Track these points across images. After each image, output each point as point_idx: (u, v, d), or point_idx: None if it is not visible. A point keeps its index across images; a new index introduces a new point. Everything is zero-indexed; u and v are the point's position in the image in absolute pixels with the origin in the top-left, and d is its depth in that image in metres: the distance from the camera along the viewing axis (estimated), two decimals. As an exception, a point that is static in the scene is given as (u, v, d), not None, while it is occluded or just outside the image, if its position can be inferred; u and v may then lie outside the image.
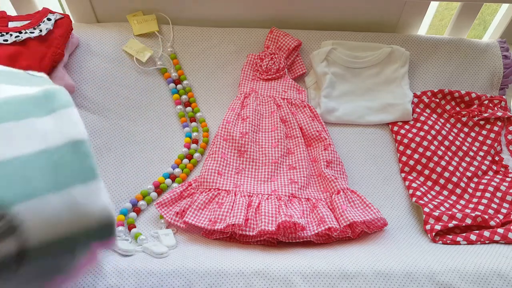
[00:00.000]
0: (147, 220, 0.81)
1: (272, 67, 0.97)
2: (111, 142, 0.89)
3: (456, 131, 0.96)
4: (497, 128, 0.95)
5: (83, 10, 1.04)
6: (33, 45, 0.85)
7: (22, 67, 0.80)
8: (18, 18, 0.90)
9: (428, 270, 0.67)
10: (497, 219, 0.79)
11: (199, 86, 1.01)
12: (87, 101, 0.91)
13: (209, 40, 1.04)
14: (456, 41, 1.06)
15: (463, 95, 0.99)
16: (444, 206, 0.83)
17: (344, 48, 1.02)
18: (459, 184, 0.87)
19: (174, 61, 1.02)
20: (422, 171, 0.89)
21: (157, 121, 0.95)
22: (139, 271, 0.66)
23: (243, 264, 0.65)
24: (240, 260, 0.67)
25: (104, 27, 1.03)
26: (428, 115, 0.96)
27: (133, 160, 0.88)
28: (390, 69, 1.01)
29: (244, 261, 0.66)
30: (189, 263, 0.66)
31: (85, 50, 0.96)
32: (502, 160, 0.92)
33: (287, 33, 1.01)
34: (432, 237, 0.78)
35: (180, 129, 0.95)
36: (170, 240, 0.75)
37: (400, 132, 0.93)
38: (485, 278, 0.67)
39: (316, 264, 0.66)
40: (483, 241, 0.76)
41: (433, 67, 1.04)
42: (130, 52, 0.99)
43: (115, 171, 0.85)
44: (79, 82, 0.92)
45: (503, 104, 0.98)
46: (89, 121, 0.89)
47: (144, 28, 1.03)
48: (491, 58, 1.04)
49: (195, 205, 0.78)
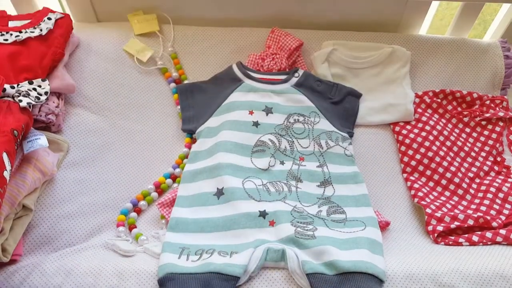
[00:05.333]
0: (148, 220, 0.80)
1: (273, 67, 0.96)
2: (112, 142, 0.88)
3: (457, 132, 0.95)
4: (499, 129, 0.95)
5: (83, 9, 1.04)
6: (34, 45, 0.84)
7: (22, 67, 0.81)
8: (18, 18, 0.90)
9: (431, 271, 0.67)
10: (499, 220, 0.79)
11: (200, 86, 1.00)
12: (88, 101, 0.91)
13: (210, 40, 1.04)
14: (457, 41, 1.06)
15: (465, 95, 0.99)
16: (446, 207, 0.83)
17: (345, 48, 1.02)
18: (461, 185, 0.87)
19: (175, 61, 1.01)
20: (424, 172, 0.88)
21: (158, 121, 0.95)
22: (140, 271, 0.66)
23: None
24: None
25: (104, 27, 1.03)
26: (429, 115, 0.96)
27: (134, 160, 0.88)
28: (391, 69, 1.01)
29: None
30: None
31: (85, 49, 0.96)
32: (504, 161, 0.92)
33: (288, 33, 1.00)
34: (434, 238, 0.78)
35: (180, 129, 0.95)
36: (171, 240, 0.74)
37: (402, 133, 0.93)
38: (488, 280, 0.66)
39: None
40: (485, 242, 0.76)
41: (434, 67, 1.04)
42: (130, 52, 0.99)
43: (115, 171, 0.85)
44: (79, 81, 0.91)
45: (505, 104, 0.98)
46: (89, 121, 0.88)
47: (145, 28, 1.02)
48: (492, 58, 1.04)
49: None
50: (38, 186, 0.73)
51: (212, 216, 0.75)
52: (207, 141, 0.86)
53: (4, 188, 0.62)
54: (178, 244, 0.70)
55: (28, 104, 0.74)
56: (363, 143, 0.93)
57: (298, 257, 0.66)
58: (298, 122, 0.89)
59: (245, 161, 0.82)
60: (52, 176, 0.77)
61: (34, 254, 0.70)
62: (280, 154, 0.85)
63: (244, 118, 0.87)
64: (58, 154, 0.79)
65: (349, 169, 0.84)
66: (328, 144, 0.87)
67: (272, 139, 0.86)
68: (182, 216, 0.75)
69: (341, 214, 0.77)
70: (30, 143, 0.72)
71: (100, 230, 0.77)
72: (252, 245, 0.68)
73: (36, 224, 0.72)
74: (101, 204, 0.79)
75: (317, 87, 0.95)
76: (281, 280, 0.66)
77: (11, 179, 0.67)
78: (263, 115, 0.89)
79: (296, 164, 0.84)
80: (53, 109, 0.81)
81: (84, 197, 0.79)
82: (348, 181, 0.82)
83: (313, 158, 0.85)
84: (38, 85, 0.80)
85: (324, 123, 0.90)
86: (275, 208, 0.75)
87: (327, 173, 0.83)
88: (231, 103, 0.91)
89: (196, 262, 0.67)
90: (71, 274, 0.66)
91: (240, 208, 0.74)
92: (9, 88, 0.75)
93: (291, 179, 0.81)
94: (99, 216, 0.78)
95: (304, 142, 0.87)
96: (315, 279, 0.64)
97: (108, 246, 0.73)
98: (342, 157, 0.86)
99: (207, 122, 0.90)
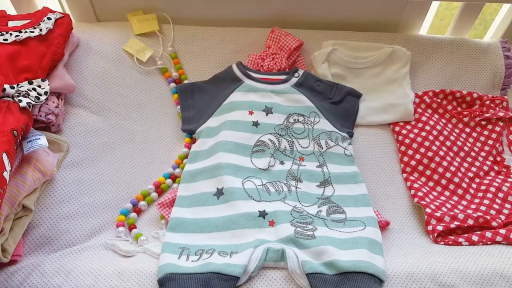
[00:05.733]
0: (148, 220, 0.80)
1: (273, 67, 0.96)
2: (111, 142, 0.88)
3: (457, 132, 0.95)
4: (499, 129, 0.95)
5: (83, 9, 1.04)
6: (33, 45, 0.84)
7: (22, 67, 0.81)
8: (18, 17, 0.89)
9: (430, 271, 0.67)
10: (499, 220, 0.79)
11: (200, 86, 1.00)
12: (87, 101, 0.91)
13: (210, 40, 1.04)
14: (457, 41, 1.06)
15: (465, 95, 0.99)
16: (446, 207, 0.83)
17: (345, 48, 1.02)
18: (461, 184, 0.87)
19: (175, 61, 1.01)
20: (423, 172, 0.88)
21: (158, 121, 0.95)
22: (139, 272, 0.66)
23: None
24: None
25: (104, 27, 1.03)
26: (429, 115, 0.96)
27: (134, 160, 0.88)
28: (391, 69, 1.01)
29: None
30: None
31: (85, 49, 0.96)
32: (503, 161, 0.92)
33: (288, 33, 1.00)
34: (434, 238, 0.78)
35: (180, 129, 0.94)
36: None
37: (402, 133, 0.93)
38: (487, 279, 0.66)
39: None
40: (485, 242, 0.76)
41: (434, 67, 1.04)
42: (130, 52, 0.99)
43: (115, 171, 0.85)
44: (79, 81, 0.91)
45: (505, 105, 0.98)
46: (89, 121, 0.88)
47: (145, 28, 1.02)
48: (492, 58, 1.04)
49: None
50: (38, 187, 0.73)
51: (212, 216, 0.75)
52: (207, 141, 0.86)
53: (4, 188, 0.62)
54: (178, 244, 0.70)
55: (28, 104, 0.74)
56: (363, 143, 0.93)
57: (298, 257, 0.66)
58: (298, 122, 0.89)
59: (245, 161, 0.82)
60: (52, 176, 0.77)
61: (34, 254, 0.70)
62: (280, 154, 0.85)
63: (244, 118, 0.87)
64: (58, 154, 0.79)
65: (349, 169, 0.84)
66: (328, 144, 0.87)
67: (272, 139, 0.86)
68: (182, 216, 0.75)
69: (341, 214, 0.77)
70: (30, 143, 0.72)
71: (100, 230, 0.77)
72: (252, 245, 0.68)
73: (36, 224, 0.72)
74: (101, 204, 0.79)
75: (317, 87, 0.95)
76: (281, 280, 0.66)
77: (11, 179, 0.67)
78: (263, 115, 0.89)
79: (296, 164, 0.84)
80: (53, 109, 0.81)
81: (84, 197, 0.79)
82: (348, 181, 0.82)
83: (313, 158, 0.85)
84: (38, 85, 0.80)
85: (324, 123, 0.90)
86: (275, 208, 0.75)
87: (326, 173, 0.83)
88: (231, 103, 0.91)
89: (196, 262, 0.67)
90: (71, 275, 0.66)
91: (239, 208, 0.74)
92: (8, 88, 0.75)
93: (291, 179, 0.81)
94: (99, 217, 0.78)
95: (304, 142, 0.87)
96: (315, 279, 0.64)
97: (108, 247, 0.73)
98: (342, 157, 0.86)
99: (207, 122, 0.90)
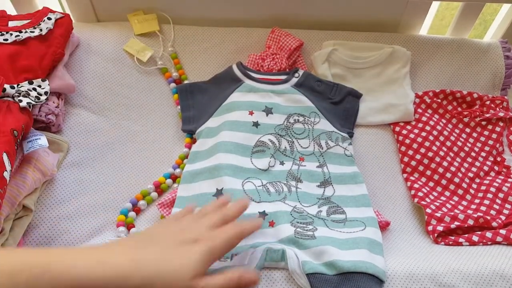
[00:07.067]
0: (147, 220, 0.80)
1: (273, 67, 0.96)
2: (111, 142, 0.88)
3: (458, 132, 0.95)
4: (499, 129, 0.95)
5: (83, 9, 1.04)
6: (33, 45, 0.84)
7: (22, 67, 0.81)
8: (18, 17, 0.89)
9: (431, 272, 0.67)
10: (499, 220, 0.79)
11: (200, 86, 1.00)
12: (88, 101, 0.91)
13: (210, 40, 1.04)
14: (457, 41, 1.06)
15: (465, 95, 0.99)
16: (446, 207, 0.83)
17: (345, 48, 1.02)
18: (461, 185, 0.87)
19: (175, 61, 1.01)
20: (424, 172, 0.88)
21: (158, 121, 0.95)
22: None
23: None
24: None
25: (104, 27, 1.03)
26: (429, 115, 0.96)
27: (134, 160, 0.88)
28: (391, 69, 1.01)
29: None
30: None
31: (85, 49, 0.96)
32: (504, 161, 0.92)
33: (288, 33, 1.00)
34: (434, 238, 0.78)
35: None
36: (171, 241, 0.74)
37: (402, 133, 0.93)
38: (488, 280, 0.66)
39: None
40: (485, 242, 0.76)
41: (434, 67, 1.04)
42: (130, 52, 0.99)
43: (115, 171, 0.85)
44: (79, 81, 0.91)
45: (505, 105, 0.98)
46: (89, 121, 0.88)
47: (145, 28, 1.02)
48: (493, 58, 1.04)
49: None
50: (38, 187, 0.73)
51: None
52: (207, 141, 0.86)
53: (4, 188, 0.62)
54: None
55: (28, 104, 0.74)
56: (363, 143, 0.93)
57: (298, 257, 0.66)
58: (298, 122, 0.89)
59: (245, 161, 0.82)
60: (52, 176, 0.77)
61: (34, 254, 0.70)
62: (280, 154, 0.85)
63: (244, 118, 0.87)
64: (58, 154, 0.79)
65: (349, 169, 0.84)
66: (328, 144, 0.87)
67: (272, 140, 0.86)
68: None
69: (341, 214, 0.77)
70: (30, 143, 0.72)
71: (100, 230, 0.77)
72: (252, 245, 0.68)
73: (36, 224, 0.72)
74: (101, 204, 0.79)
75: (317, 87, 0.95)
76: (281, 280, 0.66)
77: (11, 179, 0.67)
78: (263, 116, 0.88)
79: (296, 164, 0.84)
80: (53, 109, 0.81)
81: (84, 198, 0.79)
82: (348, 181, 0.82)
83: (313, 158, 0.85)
84: (38, 85, 0.80)
85: (324, 123, 0.90)
86: (275, 208, 0.75)
87: (327, 173, 0.83)
88: (231, 103, 0.91)
89: None
90: (71, 274, 0.66)
91: None
92: (9, 88, 0.75)
93: (291, 180, 0.81)
94: (99, 217, 0.78)
95: (304, 142, 0.87)
96: (315, 279, 0.64)
97: (108, 246, 0.73)
98: (342, 157, 0.86)
99: (207, 122, 0.90)
